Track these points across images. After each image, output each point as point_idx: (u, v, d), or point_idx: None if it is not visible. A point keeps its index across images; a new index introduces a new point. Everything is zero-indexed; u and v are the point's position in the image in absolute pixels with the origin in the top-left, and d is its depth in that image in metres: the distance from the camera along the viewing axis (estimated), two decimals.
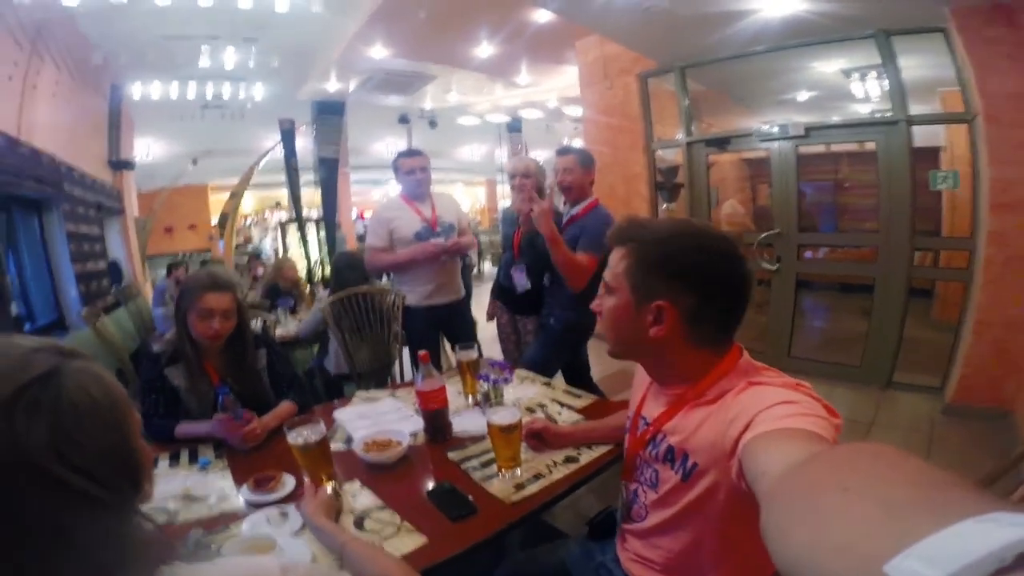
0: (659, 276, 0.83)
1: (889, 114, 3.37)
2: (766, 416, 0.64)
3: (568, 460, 1.27)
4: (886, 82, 3.40)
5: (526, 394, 1.75)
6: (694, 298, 0.82)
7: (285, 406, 1.59)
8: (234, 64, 5.26)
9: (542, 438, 1.30)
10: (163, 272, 5.12)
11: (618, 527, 1.02)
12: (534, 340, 2.42)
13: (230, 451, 1.39)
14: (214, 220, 9.41)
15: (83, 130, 4.71)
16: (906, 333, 3.48)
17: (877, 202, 3.60)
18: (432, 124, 9.09)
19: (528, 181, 2.42)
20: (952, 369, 3.17)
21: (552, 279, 2.33)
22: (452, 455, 1.34)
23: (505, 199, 15.13)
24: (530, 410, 1.62)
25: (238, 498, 1.17)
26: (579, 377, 2.50)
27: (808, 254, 4.32)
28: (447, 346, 3.06)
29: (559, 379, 2.24)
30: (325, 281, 5.03)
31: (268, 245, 10.57)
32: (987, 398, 2.92)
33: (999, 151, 2.79)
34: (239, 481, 1.22)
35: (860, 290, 4.27)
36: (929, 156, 4.17)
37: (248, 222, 11.49)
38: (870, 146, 4.45)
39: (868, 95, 4.53)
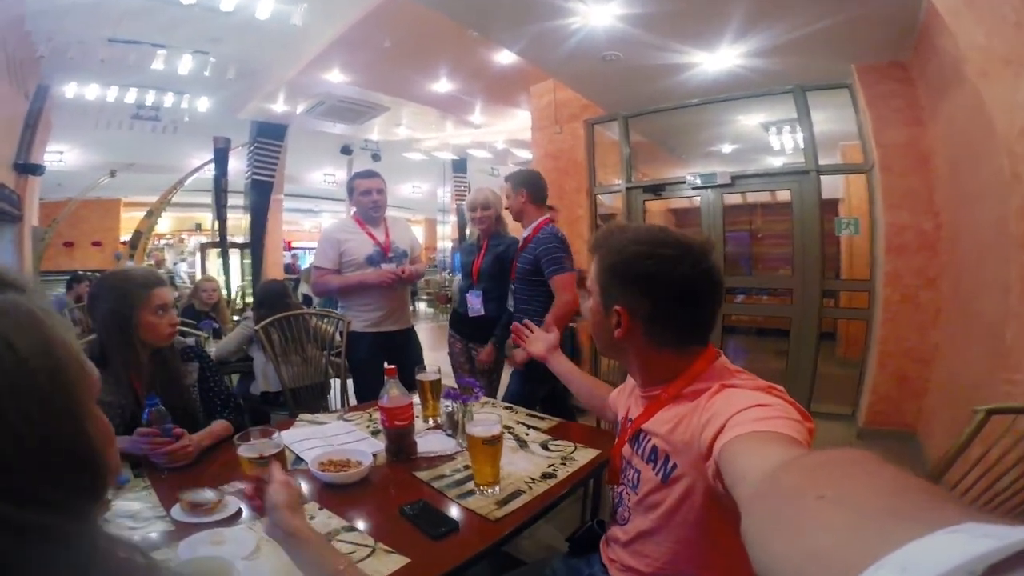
0: (616, 282, 0.89)
1: (802, 164, 3.80)
2: (740, 418, 0.65)
3: (546, 476, 1.22)
4: (800, 135, 3.86)
5: (489, 416, 1.68)
6: (648, 302, 0.86)
7: (220, 425, 1.42)
8: (188, 71, 5.01)
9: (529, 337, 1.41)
10: (59, 291, 4.49)
11: (604, 535, 0.99)
12: (512, 374, 2.36)
13: (152, 470, 1.20)
14: (123, 237, 8.56)
15: None
16: (818, 370, 3.80)
17: (789, 250, 3.99)
18: (375, 157, 9.02)
19: (488, 213, 2.45)
20: (861, 398, 3.49)
21: (516, 307, 2.31)
22: (421, 474, 1.23)
23: (444, 239, 15.17)
24: None
25: (165, 521, 1.00)
26: (559, 402, 2.46)
27: (738, 299, 4.68)
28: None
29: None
30: (245, 308, 4.67)
31: (183, 269, 9.72)
32: (894, 421, 3.24)
33: (892, 198, 3.21)
34: (166, 503, 1.04)
35: (774, 333, 4.65)
36: (830, 206, 4.72)
37: (161, 243, 10.55)
38: (782, 196, 5.00)
39: (783, 148, 5.13)
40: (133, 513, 1.02)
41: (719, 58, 3.30)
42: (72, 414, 0.36)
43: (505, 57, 4.88)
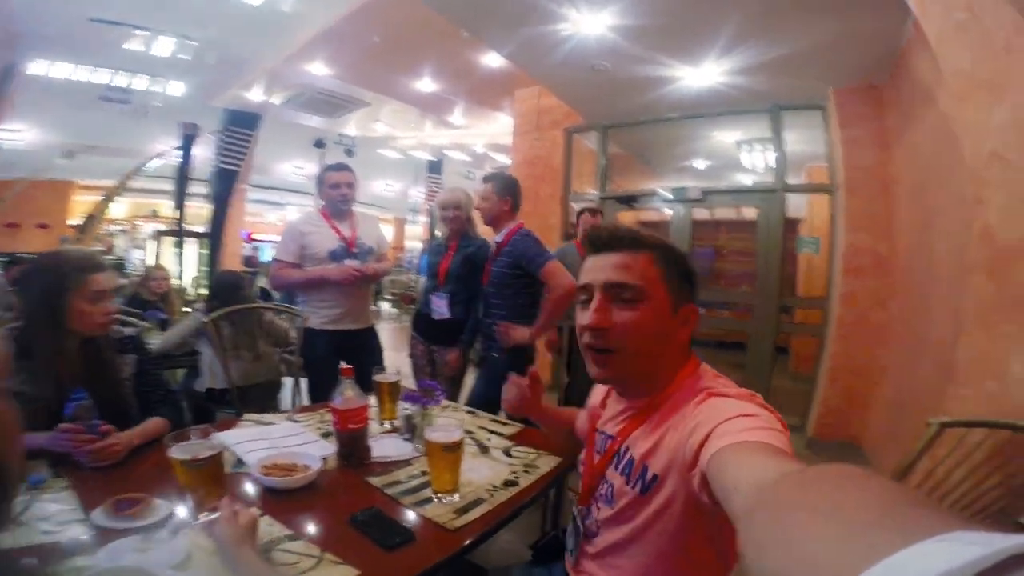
0: (686, 281, 0.86)
1: (771, 183, 3.91)
2: (727, 428, 0.64)
3: (508, 484, 1.18)
4: (772, 154, 3.97)
5: (450, 422, 1.62)
6: (693, 303, 0.87)
7: (154, 423, 1.31)
8: (169, 53, 4.81)
9: (530, 388, 1.23)
10: None
11: (572, 549, 0.94)
12: (478, 378, 2.30)
13: (74, 470, 1.08)
14: (73, 221, 8.06)
15: None
16: (772, 383, 3.91)
17: (751, 267, 4.10)
18: (349, 152, 8.82)
19: (460, 213, 2.41)
20: (811, 410, 3.62)
21: (487, 312, 2.26)
22: (374, 480, 1.16)
23: (413, 239, 14.97)
24: None
25: (84, 524, 0.90)
26: None
27: (700, 312, 4.76)
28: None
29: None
30: (198, 299, 4.46)
31: (135, 257, 9.24)
32: (840, 433, 3.37)
33: (854, 221, 3.33)
34: (88, 506, 0.94)
35: (732, 347, 4.75)
36: (791, 225, 4.88)
37: (113, 228, 10.00)
38: (747, 214, 5.14)
39: (755, 166, 5.28)
40: (48, 516, 0.92)
41: (703, 73, 3.37)
42: None
43: (493, 60, 4.85)
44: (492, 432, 1.56)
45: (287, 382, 2.62)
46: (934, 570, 0.18)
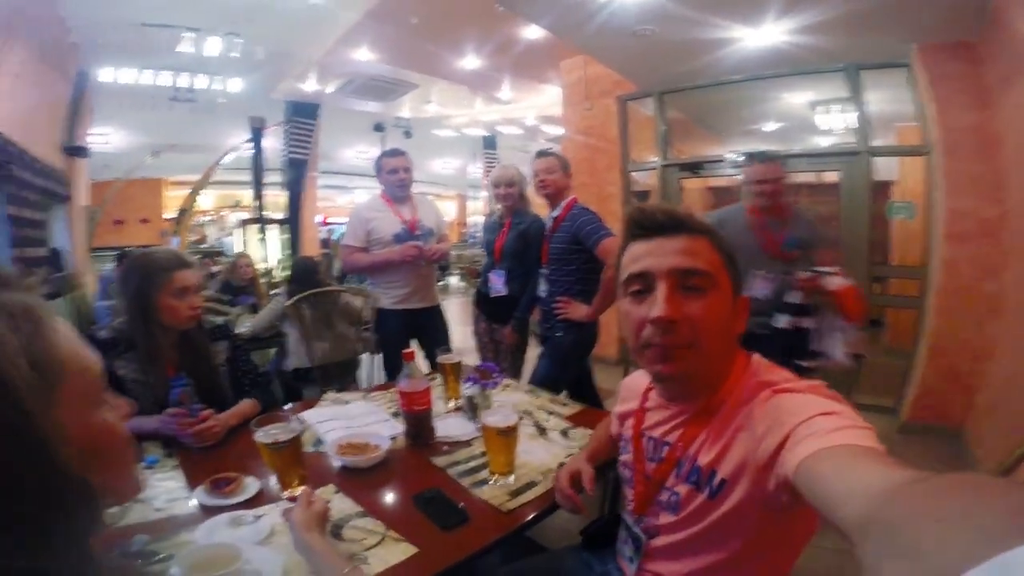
0: (739, 270, 0.80)
1: (853, 145, 3.55)
2: (809, 429, 0.60)
3: (562, 467, 1.20)
4: (850, 116, 3.59)
5: (510, 400, 1.67)
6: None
7: (246, 404, 1.46)
8: (218, 52, 5.05)
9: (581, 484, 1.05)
10: (108, 265, 4.74)
11: (632, 558, 0.89)
12: (541, 357, 2.34)
13: (182, 450, 1.24)
14: (168, 215, 8.93)
15: (42, 113, 4.42)
16: (863, 358, 3.61)
17: (836, 232, 3.76)
18: (407, 134, 9.00)
19: (513, 190, 2.42)
20: (907, 391, 3.30)
21: (552, 291, 2.27)
22: (437, 460, 1.24)
23: (475, 215, 15.15)
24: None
25: (190, 501, 1.03)
26: (585, 388, 2.44)
27: None
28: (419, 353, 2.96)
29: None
30: (281, 282, 4.83)
31: (231, 244, 10.10)
32: (939, 417, 3.05)
33: (955, 183, 2.96)
34: (193, 483, 1.08)
35: None
36: (881, 189, 4.42)
37: (204, 219, 10.97)
38: (828, 177, 4.70)
39: (832, 128, 4.79)
40: (159, 494, 1.06)
41: (763, 34, 3.06)
42: (23, 441, 0.32)
43: (533, 32, 4.71)
44: (551, 413, 1.58)
45: (365, 359, 2.81)
46: None
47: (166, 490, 1.07)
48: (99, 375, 0.40)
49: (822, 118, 4.77)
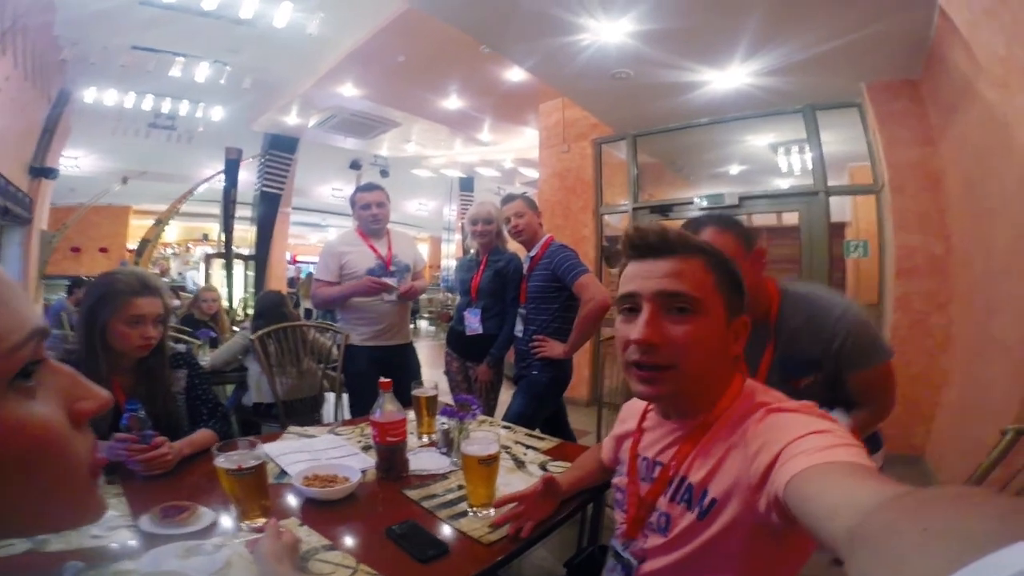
0: (736, 290, 0.80)
1: (811, 186, 3.76)
2: (800, 447, 0.60)
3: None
4: (808, 156, 3.83)
5: (487, 435, 1.61)
6: (744, 314, 0.81)
7: (203, 434, 1.36)
8: (205, 79, 5.06)
9: (551, 491, 1.07)
10: (59, 295, 4.49)
11: (622, 572, 0.87)
12: (516, 394, 2.29)
13: (125, 477, 1.13)
14: (131, 245, 8.61)
15: (15, 130, 4.28)
16: None
17: (796, 274, 3.92)
18: (384, 172, 9.10)
19: (490, 227, 2.43)
20: None
21: (529, 330, 2.26)
22: (411, 493, 1.16)
23: (448, 257, 15.19)
24: None
25: (132, 530, 0.93)
26: (560, 425, 2.40)
27: None
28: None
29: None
30: (246, 319, 4.65)
31: (191, 279, 9.75)
32: (901, 445, 3.13)
33: (903, 220, 3.15)
34: (138, 511, 0.98)
35: None
36: (837, 229, 4.67)
37: (168, 251, 10.61)
38: (788, 220, 4.94)
39: (792, 169, 5.08)
40: (104, 520, 0.96)
41: (729, 76, 3.30)
42: None
43: (515, 74, 4.94)
44: (528, 447, 1.53)
45: (329, 397, 2.69)
46: (1018, 565, 0.19)
47: (106, 517, 0.97)
48: (16, 344, 0.29)
49: (782, 159, 5.07)
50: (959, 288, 2.88)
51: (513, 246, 2.54)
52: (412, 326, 9.48)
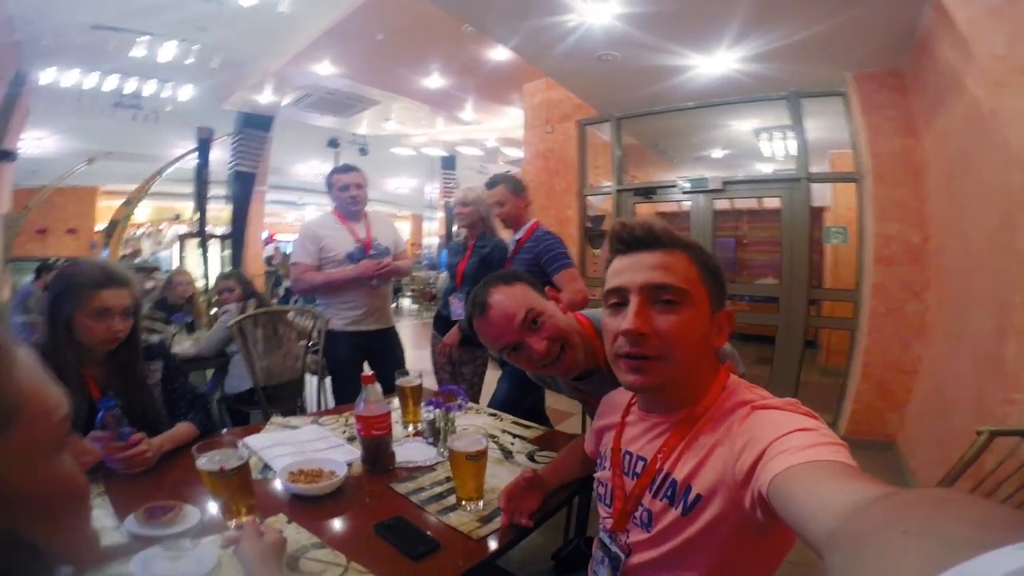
0: (718, 283, 0.81)
1: (793, 172, 3.80)
2: (786, 444, 0.60)
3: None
4: (792, 142, 3.85)
5: (473, 424, 1.62)
6: (726, 307, 0.82)
7: (183, 428, 1.33)
8: (172, 59, 4.84)
9: (536, 487, 1.09)
10: (27, 278, 4.31)
11: (610, 566, 0.88)
12: (501, 379, 2.29)
13: (107, 477, 1.10)
14: (100, 226, 8.29)
15: None
16: (801, 378, 3.80)
17: (776, 257, 3.99)
18: (363, 151, 8.87)
19: (469, 209, 2.39)
20: (843, 406, 3.51)
21: None
22: (398, 487, 1.16)
23: (431, 235, 15.04)
24: None
25: (119, 532, 0.91)
26: (538, 411, 2.41)
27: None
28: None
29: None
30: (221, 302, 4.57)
31: (167, 259, 9.46)
32: (874, 431, 3.25)
33: (883, 208, 3.21)
34: (121, 512, 0.96)
35: (758, 340, 4.64)
36: (816, 215, 4.74)
37: (139, 232, 10.26)
38: (769, 204, 5.00)
39: (774, 154, 5.13)
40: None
41: (716, 62, 3.27)
42: None
43: (499, 54, 4.82)
44: (515, 436, 1.54)
45: (311, 381, 2.66)
46: (1001, 569, 0.19)
47: (93, 518, 0.94)
48: (63, 418, 0.36)
49: (765, 145, 5.10)
50: (935, 277, 2.95)
51: (505, 233, 2.52)
52: (395, 305, 9.41)
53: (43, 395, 0.34)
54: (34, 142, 6.80)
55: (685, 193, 4.35)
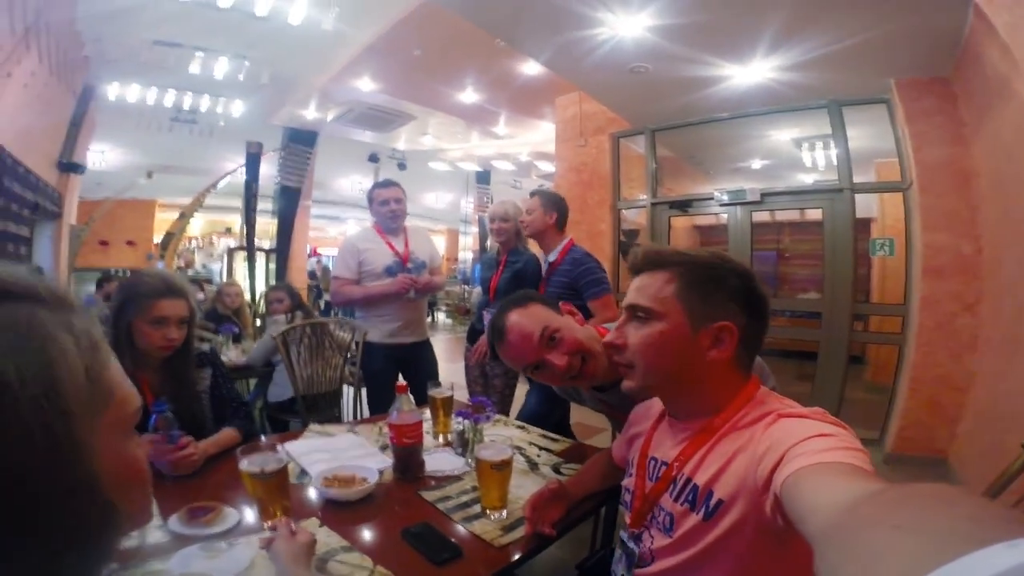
0: (718, 298, 0.82)
1: (835, 182, 3.67)
2: (802, 448, 0.62)
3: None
4: (833, 152, 3.72)
5: (501, 435, 1.64)
6: (745, 319, 0.82)
7: (227, 433, 1.40)
8: (224, 75, 5.14)
9: (561, 497, 1.10)
10: (91, 287, 4.65)
11: (625, 563, 0.91)
12: (530, 393, 2.31)
13: (154, 477, 1.18)
14: (157, 238, 8.84)
15: (42, 126, 4.41)
16: (845, 394, 3.63)
17: (819, 271, 3.84)
18: (401, 166, 9.13)
19: (507, 225, 2.43)
20: (890, 423, 3.34)
21: None
22: (426, 495, 1.19)
23: (466, 250, 15.23)
24: None
25: (162, 530, 0.98)
26: (561, 425, 2.41)
27: None
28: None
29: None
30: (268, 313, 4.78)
31: (217, 271, 9.98)
32: (923, 447, 3.08)
33: (931, 219, 3.06)
34: (165, 511, 1.03)
35: (798, 356, 4.45)
36: (862, 226, 4.54)
37: (192, 244, 10.87)
38: (811, 216, 4.82)
39: (816, 164, 4.95)
40: None
41: (751, 71, 3.22)
42: (62, 448, 0.31)
43: (531, 68, 4.90)
44: (542, 448, 1.55)
45: (347, 391, 2.74)
46: (995, 568, 0.19)
47: None
48: (138, 408, 0.41)
49: (806, 155, 4.94)
50: (989, 290, 2.79)
51: (535, 245, 2.55)
52: (430, 319, 9.58)
53: (126, 386, 0.40)
54: (98, 155, 7.29)
55: (722, 205, 4.26)
